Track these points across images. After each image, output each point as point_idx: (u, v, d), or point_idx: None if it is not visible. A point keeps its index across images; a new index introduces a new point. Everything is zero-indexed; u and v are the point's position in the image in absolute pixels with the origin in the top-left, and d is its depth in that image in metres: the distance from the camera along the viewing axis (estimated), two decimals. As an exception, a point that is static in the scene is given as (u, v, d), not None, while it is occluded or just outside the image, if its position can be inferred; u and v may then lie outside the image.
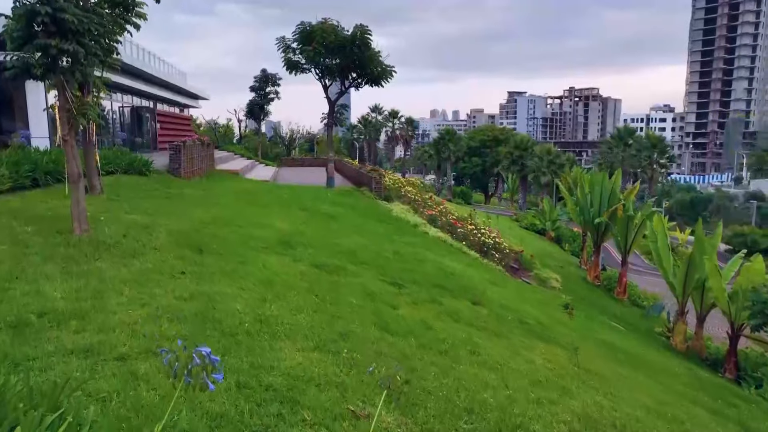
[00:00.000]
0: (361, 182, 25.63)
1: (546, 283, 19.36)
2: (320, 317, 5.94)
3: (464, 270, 12.94)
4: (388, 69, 22.58)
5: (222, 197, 15.08)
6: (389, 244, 13.27)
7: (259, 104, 44.98)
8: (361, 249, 11.46)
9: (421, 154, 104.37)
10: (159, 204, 12.05)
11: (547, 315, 10.34)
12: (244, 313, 5.58)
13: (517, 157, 57.19)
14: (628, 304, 23.66)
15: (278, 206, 15.37)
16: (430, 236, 17.62)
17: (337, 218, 15.25)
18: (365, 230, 14.41)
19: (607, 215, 23.34)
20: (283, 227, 11.79)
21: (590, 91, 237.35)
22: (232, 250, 8.46)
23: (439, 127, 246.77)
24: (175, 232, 9.07)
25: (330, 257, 9.79)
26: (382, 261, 10.81)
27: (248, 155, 41.34)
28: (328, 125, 24.05)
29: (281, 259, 8.69)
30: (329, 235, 12.31)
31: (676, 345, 16.34)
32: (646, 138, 47.81)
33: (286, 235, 10.85)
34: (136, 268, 6.63)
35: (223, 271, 7.15)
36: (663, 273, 17.01)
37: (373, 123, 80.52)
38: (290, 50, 22.15)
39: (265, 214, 13.24)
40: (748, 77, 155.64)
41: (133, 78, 31.20)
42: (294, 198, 18.18)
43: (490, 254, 19.00)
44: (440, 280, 10.36)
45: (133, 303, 5.32)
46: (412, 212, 21.51)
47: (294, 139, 56.78)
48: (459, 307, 8.27)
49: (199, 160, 20.48)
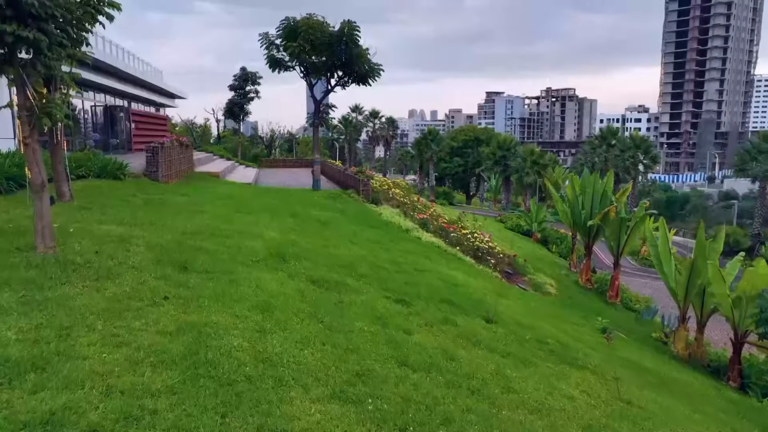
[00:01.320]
0: (348, 185, 24.77)
1: (541, 289, 18.79)
2: (331, 352, 5.10)
3: (466, 280, 12.21)
4: (376, 67, 21.77)
5: (205, 203, 14.06)
6: (386, 253, 12.45)
7: (238, 104, 43.66)
8: (359, 260, 10.62)
9: (403, 155, 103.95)
10: (136, 212, 11.01)
11: (563, 331, 9.66)
12: (242, 351, 4.70)
13: (500, 157, 56.91)
14: (621, 307, 23.29)
15: (266, 212, 14.40)
16: (424, 242, 16.87)
17: (329, 225, 14.38)
18: (359, 237, 13.56)
19: (600, 217, 22.91)
20: (273, 236, 10.87)
21: (567, 91, 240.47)
22: (220, 267, 7.54)
23: (417, 127, 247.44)
24: (155, 245, 8.10)
25: (328, 271, 8.93)
26: (383, 273, 9.98)
27: (227, 156, 40.07)
28: (314, 125, 23.09)
29: (276, 276, 7.80)
30: (323, 244, 11.43)
31: (678, 352, 15.88)
32: (630, 138, 47.99)
33: (277, 245, 9.94)
34: (110, 294, 5.68)
35: (213, 293, 6.24)
36: (663, 278, 16.55)
37: (354, 123, 79.65)
38: (274, 47, 21.14)
39: (252, 222, 12.29)
40: (720, 78, 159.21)
41: (106, 75, 29.75)
42: (281, 202, 17.22)
43: (484, 259, 18.34)
44: (446, 294, 9.59)
45: (107, 343, 4.39)
46: (402, 216, 20.74)
47: (275, 140, 55.49)
48: (474, 328, 7.50)
49: (178, 162, 19.36)
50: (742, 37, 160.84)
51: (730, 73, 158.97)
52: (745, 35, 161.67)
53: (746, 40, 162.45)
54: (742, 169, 40.59)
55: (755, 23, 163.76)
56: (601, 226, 23.43)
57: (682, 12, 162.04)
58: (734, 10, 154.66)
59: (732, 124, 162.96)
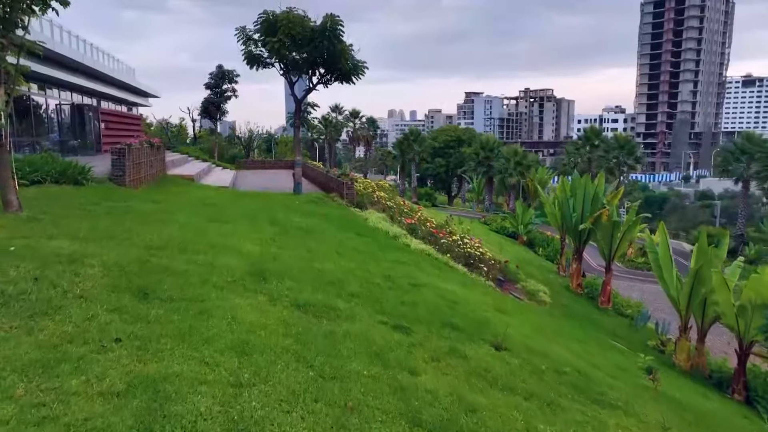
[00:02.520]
0: (330, 188, 23.65)
1: (535, 297, 17.97)
2: (325, 414, 4.04)
3: (463, 294, 11.24)
4: (360, 65, 20.71)
5: (176, 211, 12.82)
6: (376, 265, 11.41)
7: (215, 103, 42.05)
8: (348, 275, 9.56)
9: (384, 155, 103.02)
10: (96, 223, 9.76)
11: (574, 353, 8.77)
12: (211, 419, 3.62)
13: (483, 158, 56.26)
14: (613, 313, 22.67)
15: (244, 220, 13.23)
16: (414, 249, 15.87)
17: (313, 233, 13.26)
18: (346, 247, 12.49)
19: (591, 221, 22.24)
20: (252, 250, 9.75)
21: (545, 92, 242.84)
22: (189, 292, 6.42)
23: (397, 127, 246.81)
24: (112, 266, 6.93)
25: (315, 291, 7.86)
26: (376, 291, 8.95)
27: (204, 157, 38.52)
28: (295, 125, 21.89)
29: (255, 301, 6.70)
30: (308, 257, 10.34)
31: (680, 363, 15.20)
32: (614, 138, 47.80)
33: (257, 261, 8.83)
34: (45, 337, 4.53)
35: (178, 331, 5.12)
36: (664, 285, 15.84)
37: (334, 123, 78.43)
38: (251, 42, 19.89)
39: (229, 232, 11.13)
40: (693, 80, 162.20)
41: (72, 72, 28.10)
42: (261, 208, 16.04)
43: (476, 267, 17.44)
44: (447, 314, 8.60)
45: (24, 420, 3.26)
46: (388, 221, 19.72)
47: (253, 140, 53.91)
48: (485, 360, 6.52)
49: (148, 164, 18.00)
50: (715, 40, 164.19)
51: (704, 74, 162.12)
52: (718, 38, 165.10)
53: (718, 42, 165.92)
54: (726, 170, 40.68)
55: (727, 26, 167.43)
56: (592, 230, 22.77)
57: (657, 14, 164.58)
58: (707, 13, 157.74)
59: (705, 124, 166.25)
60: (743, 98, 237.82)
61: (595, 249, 28.90)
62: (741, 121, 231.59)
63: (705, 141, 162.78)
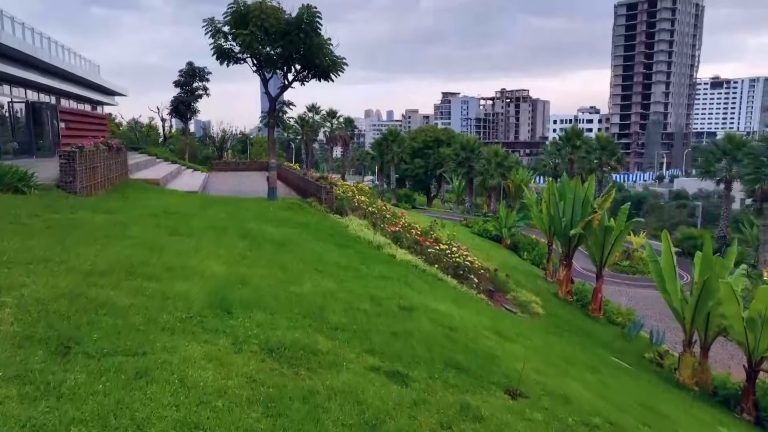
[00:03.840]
0: (308, 192, 22.20)
1: (528, 309, 16.89)
2: None
3: (459, 315, 10.00)
4: (339, 61, 19.32)
5: (132, 223, 11.26)
6: (361, 284, 10.09)
7: (185, 101, 40.04)
8: (330, 300, 8.23)
9: (362, 155, 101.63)
10: (28, 242, 8.21)
11: (597, 393, 7.61)
12: None
13: (464, 158, 55.31)
14: (605, 321, 21.81)
15: (211, 232, 11.74)
16: (399, 261, 14.59)
17: (289, 246, 11.86)
18: (326, 263, 11.13)
19: (582, 226, 21.32)
20: (217, 271, 8.33)
21: (521, 92, 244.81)
22: (127, 340, 5.00)
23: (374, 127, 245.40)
24: (33, 303, 5.48)
25: (290, 326, 6.52)
26: (362, 320, 7.64)
27: (173, 159, 36.56)
28: (269, 126, 20.36)
29: (214, 348, 5.31)
30: (283, 277, 8.96)
31: (684, 380, 14.27)
32: (596, 139, 47.28)
33: (221, 286, 7.43)
34: None
35: (97, 412, 3.71)
36: (666, 297, 14.89)
37: (311, 123, 76.71)
38: (221, 35, 18.31)
39: (191, 249, 9.66)
40: (666, 81, 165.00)
41: (26, 68, 26.01)
42: (231, 217, 14.54)
43: (466, 277, 16.27)
44: (447, 348, 7.35)
45: None
46: (370, 228, 18.41)
47: (226, 141, 51.90)
48: (504, 418, 5.27)
49: (106, 168, 16.29)
50: (686, 42, 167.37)
51: (675, 76, 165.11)
52: (688, 40, 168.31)
53: (689, 44, 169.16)
54: (708, 171, 40.52)
55: (697, 29, 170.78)
56: (582, 235, 21.87)
57: (630, 16, 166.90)
58: (678, 15, 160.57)
59: (677, 125, 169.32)
60: (711, 100, 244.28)
61: (580, 251, 28.09)
62: (710, 122, 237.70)
63: (677, 141, 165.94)
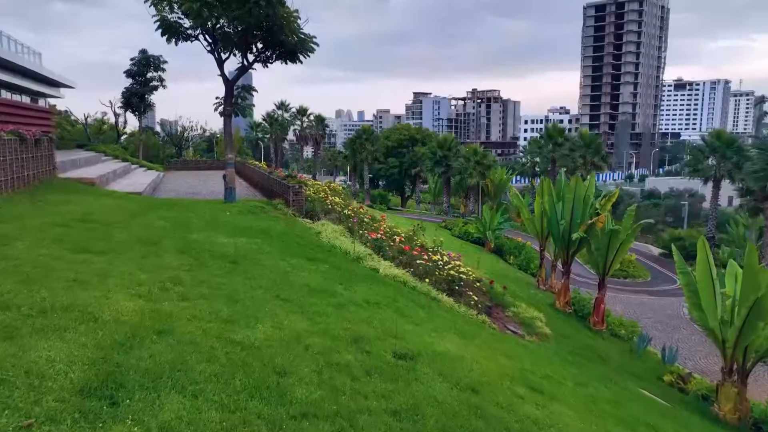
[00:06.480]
0: (274, 193, 19.31)
1: (533, 328, 14.43)
2: None
3: (477, 361, 7.38)
4: (309, 39, 16.53)
5: (22, 237, 8.26)
6: (339, 318, 7.35)
7: (137, 93, 36.35)
8: (294, 354, 5.48)
9: (334, 155, 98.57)
10: None
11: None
12: None
13: (441, 157, 53.01)
14: (608, 334, 19.62)
15: (137, 246, 8.82)
16: (385, 276, 11.92)
17: (243, 263, 9.02)
18: (293, 286, 8.35)
19: (584, 229, 19.07)
20: (125, 310, 5.49)
21: (492, 93, 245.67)
22: None
23: (345, 127, 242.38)
24: None
25: (222, 422, 3.75)
26: (344, 391, 4.92)
27: (124, 157, 32.97)
28: (225, 114, 17.38)
29: None
30: (227, 316, 6.15)
31: (725, 415, 12.00)
32: (579, 136, 45.66)
33: (119, 342, 4.62)
34: None
35: None
36: (699, 316, 12.58)
37: (280, 121, 73.36)
38: (165, 4, 15.26)
39: (96, 273, 6.76)
40: (633, 82, 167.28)
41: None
42: (173, 224, 11.59)
43: (462, 293, 13.69)
44: None
45: None
46: (347, 234, 15.69)
47: (186, 138, 48.07)
48: None
49: (18, 166, 13.10)
50: (653, 44, 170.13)
51: (643, 77, 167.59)
52: (655, 42, 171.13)
53: (655, 46, 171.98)
54: (696, 170, 39.25)
55: (663, 30, 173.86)
56: (583, 240, 19.63)
57: (599, 18, 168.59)
58: (645, 17, 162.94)
59: (645, 125, 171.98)
60: (675, 101, 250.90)
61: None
62: (674, 123, 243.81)
63: (645, 141, 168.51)
